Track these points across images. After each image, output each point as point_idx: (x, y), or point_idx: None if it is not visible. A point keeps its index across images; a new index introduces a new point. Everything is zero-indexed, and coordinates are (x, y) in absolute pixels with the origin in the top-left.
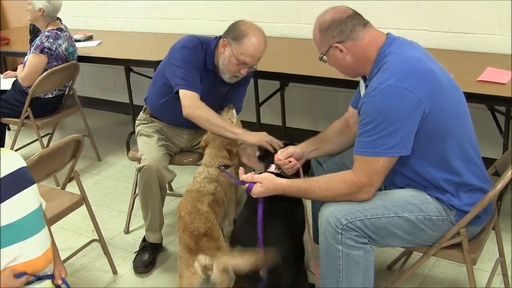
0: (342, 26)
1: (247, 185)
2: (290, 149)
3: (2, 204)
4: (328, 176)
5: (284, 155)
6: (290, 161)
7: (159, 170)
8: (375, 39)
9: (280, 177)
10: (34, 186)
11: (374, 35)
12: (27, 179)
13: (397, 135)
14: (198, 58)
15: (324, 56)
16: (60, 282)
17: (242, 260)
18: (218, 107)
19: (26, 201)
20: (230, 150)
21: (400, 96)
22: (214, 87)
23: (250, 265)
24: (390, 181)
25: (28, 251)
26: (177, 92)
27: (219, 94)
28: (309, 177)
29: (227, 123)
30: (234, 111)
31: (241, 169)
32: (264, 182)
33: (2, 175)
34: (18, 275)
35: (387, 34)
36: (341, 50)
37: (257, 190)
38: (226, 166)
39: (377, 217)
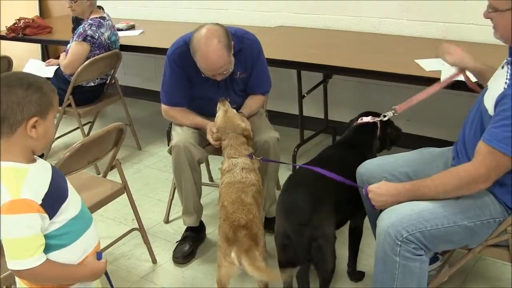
0: None
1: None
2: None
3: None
4: (438, 174)
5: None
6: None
7: (186, 147)
8: None
9: None
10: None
11: None
12: (61, 174)
13: None
14: (182, 62)
15: (493, 13)
16: None
17: (263, 274)
18: (241, 93)
19: (74, 192)
20: (248, 135)
21: None
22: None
23: (267, 279)
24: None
25: (92, 240)
26: None
27: (234, 82)
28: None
29: (194, 118)
30: (227, 102)
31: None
32: (381, 188)
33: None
34: (98, 256)
35: None
36: None
37: (374, 197)
38: (250, 155)
39: (436, 228)
